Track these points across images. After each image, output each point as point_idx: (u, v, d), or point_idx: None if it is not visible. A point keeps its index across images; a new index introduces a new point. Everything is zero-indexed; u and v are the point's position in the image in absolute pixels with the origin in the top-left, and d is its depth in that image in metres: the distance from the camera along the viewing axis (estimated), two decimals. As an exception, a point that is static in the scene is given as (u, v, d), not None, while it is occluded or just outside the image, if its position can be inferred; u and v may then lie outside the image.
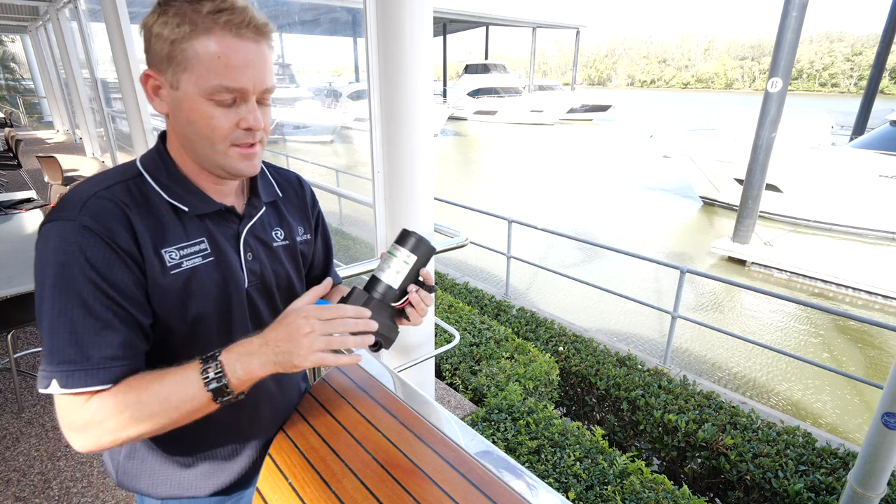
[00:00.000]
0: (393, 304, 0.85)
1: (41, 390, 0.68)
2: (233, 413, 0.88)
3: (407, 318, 0.88)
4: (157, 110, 0.77)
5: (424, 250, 0.86)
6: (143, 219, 0.74)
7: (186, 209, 0.78)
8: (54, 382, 0.66)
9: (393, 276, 0.85)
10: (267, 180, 0.93)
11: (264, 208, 0.90)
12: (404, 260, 0.85)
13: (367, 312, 0.76)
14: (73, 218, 0.68)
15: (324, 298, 1.08)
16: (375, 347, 0.84)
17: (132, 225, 0.72)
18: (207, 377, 0.69)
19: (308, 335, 0.70)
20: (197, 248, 0.79)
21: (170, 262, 0.75)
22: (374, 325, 0.76)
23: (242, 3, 0.71)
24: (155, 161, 0.79)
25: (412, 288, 0.86)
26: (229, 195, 0.85)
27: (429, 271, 0.89)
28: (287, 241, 0.93)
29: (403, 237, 0.86)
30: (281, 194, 0.95)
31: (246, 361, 0.71)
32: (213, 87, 0.70)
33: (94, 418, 0.68)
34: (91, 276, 0.67)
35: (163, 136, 0.82)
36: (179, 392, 0.69)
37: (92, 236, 0.68)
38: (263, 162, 0.96)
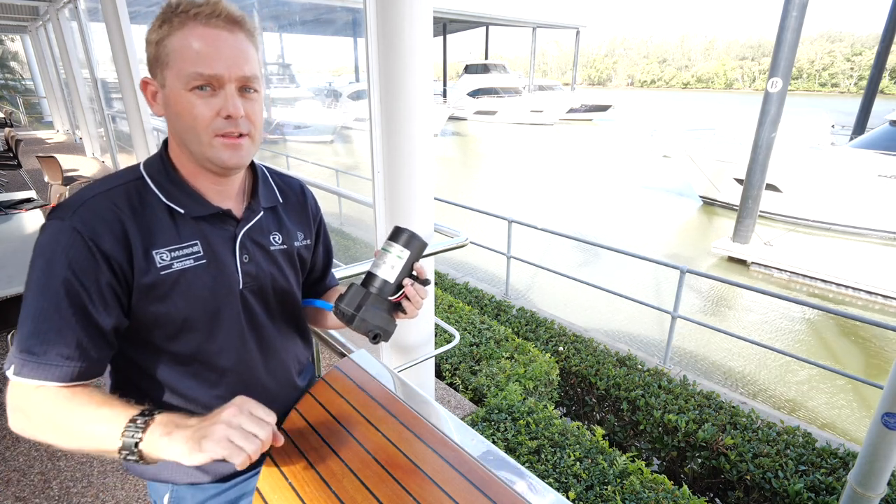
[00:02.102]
0: (390, 299, 0.89)
1: (5, 370, 0.72)
2: None
3: (404, 311, 0.92)
4: (155, 114, 0.81)
5: (417, 245, 0.89)
6: (137, 221, 0.77)
7: (182, 211, 0.81)
8: (13, 367, 0.71)
9: (388, 271, 0.88)
10: (269, 186, 0.96)
11: (262, 212, 0.92)
12: (398, 255, 0.88)
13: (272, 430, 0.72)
14: (65, 218, 0.73)
15: (323, 300, 1.09)
16: (375, 340, 0.88)
17: (124, 228, 0.75)
18: (129, 426, 0.68)
19: (218, 436, 0.66)
20: (189, 250, 0.81)
21: (160, 263, 0.78)
22: (279, 440, 0.74)
23: None
24: (157, 165, 0.83)
25: (407, 282, 0.89)
26: (229, 198, 0.88)
27: (422, 265, 0.92)
28: (285, 246, 0.95)
29: (396, 234, 0.89)
30: (282, 200, 0.98)
31: (168, 430, 0.68)
32: (189, 75, 0.73)
33: (29, 410, 0.73)
34: (67, 275, 0.71)
35: (166, 142, 0.86)
36: (100, 426, 0.70)
37: (77, 238, 0.72)
38: (268, 168, 0.99)
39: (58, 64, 11.23)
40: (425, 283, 0.92)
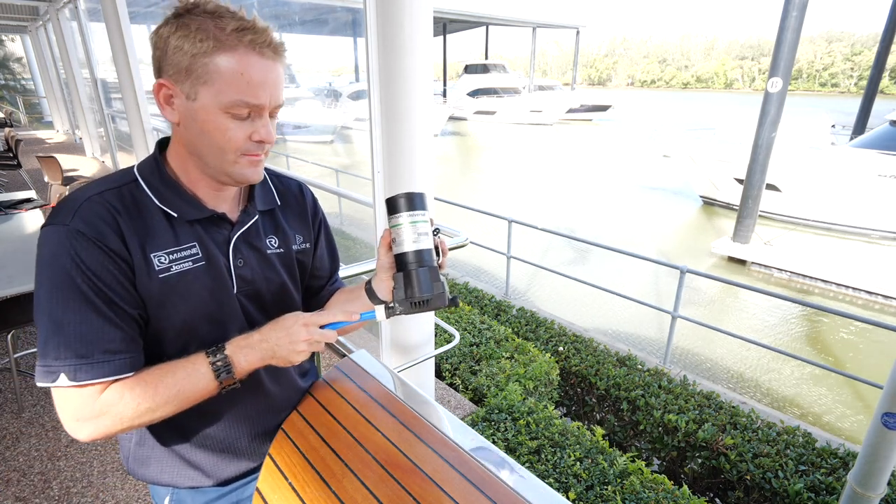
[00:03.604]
0: (438, 263, 0.85)
1: (47, 384, 0.70)
2: (229, 408, 0.91)
3: (440, 267, 0.89)
4: (167, 118, 0.80)
5: (421, 201, 0.84)
6: (133, 223, 0.76)
7: (176, 215, 0.80)
8: (63, 376, 0.70)
9: (426, 240, 0.84)
10: (267, 188, 0.95)
11: (258, 216, 0.91)
12: (420, 220, 0.83)
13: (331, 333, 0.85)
14: (66, 223, 0.72)
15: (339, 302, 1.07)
16: (455, 303, 0.87)
17: (121, 229, 0.75)
18: (217, 368, 0.78)
19: (306, 341, 0.81)
20: (188, 252, 0.81)
21: (158, 266, 0.78)
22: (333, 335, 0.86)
23: (263, 23, 0.74)
24: (150, 167, 0.82)
25: (436, 239, 0.87)
26: (225, 202, 0.87)
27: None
28: (282, 249, 0.94)
29: (398, 204, 0.83)
30: (279, 202, 0.96)
31: (247, 354, 0.80)
32: (233, 102, 0.73)
33: (111, 408, 0.73)
34: (88, 275, 0.71)
35: (160, 144, 0.84)
36: (191, 382, 0.77)
37: (84, 240, 0.71)
38: (267, 170, 0.98)
39: (58, 64, 11.24)
40: (437, 231, 0.90)
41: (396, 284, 0.84)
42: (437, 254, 0.87)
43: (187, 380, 0.77)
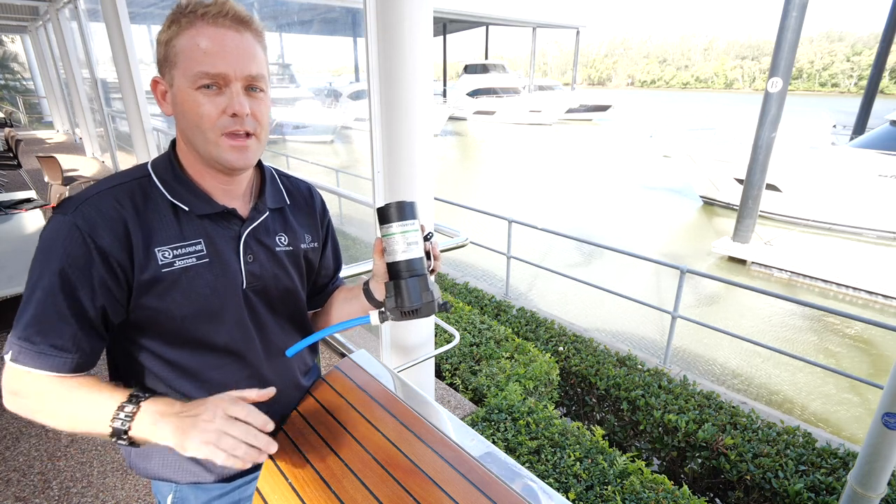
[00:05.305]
0: (428, 272, 0.86)
1: (3, 354, 0.73)
2: None
3: (432, 271, 0.91)
4: (165, 113, 0.82)
5: (411, 210, 0.85)
6: (140, 218, 0.78)
7: (187, 209, 0.82)
8: (11, 353, 0.73)
9: (414, 249, 0.84)
10: (276, 187, 0.97)
11: (268, 213, 0.92)
12: (410, 230, 0.84)
13: (271, 426, 0.71)
14: (67, 213, 0.74)
15: (339, 304, 1.07)
16: (447, 308, 0.87)
17: (125, 226, 0.76)
18: (117, 415, 0.71)
19: (206, 422, 0.68)
20: (192, 248, 0.82)
21: (162, 261, 0.79)
22: (273, 447, 0.71)
23: None
24: (164, 163, 0.84)
25: (427, 245, 0.88)
26: (235, 198, 0.89)
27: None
28: (291, 247, 0.95)
29: (389, 213, 0.83)
30: (289, 201, 0.98)
31: (154, 419, 0.70)
32: (196, 74, 0.74)
33: (23, 391, 0.75)
34: (63, 268, 0.73)
35: (174, 142, 0.87)
36: (91, 411, 0.73)
37: (77, 233, 0.73)
38: (276, 170, 1.00)
39: (58, 64, 11.23)
40: (430, 236, 0.90)
41: (388, 293, 0.85)
42: (430, 257, 0.88)
43: (92, 406, 0.73)
